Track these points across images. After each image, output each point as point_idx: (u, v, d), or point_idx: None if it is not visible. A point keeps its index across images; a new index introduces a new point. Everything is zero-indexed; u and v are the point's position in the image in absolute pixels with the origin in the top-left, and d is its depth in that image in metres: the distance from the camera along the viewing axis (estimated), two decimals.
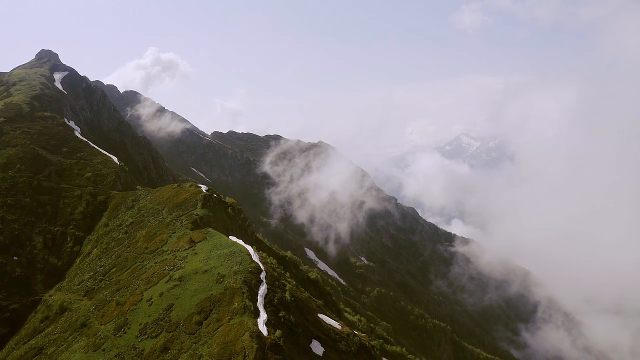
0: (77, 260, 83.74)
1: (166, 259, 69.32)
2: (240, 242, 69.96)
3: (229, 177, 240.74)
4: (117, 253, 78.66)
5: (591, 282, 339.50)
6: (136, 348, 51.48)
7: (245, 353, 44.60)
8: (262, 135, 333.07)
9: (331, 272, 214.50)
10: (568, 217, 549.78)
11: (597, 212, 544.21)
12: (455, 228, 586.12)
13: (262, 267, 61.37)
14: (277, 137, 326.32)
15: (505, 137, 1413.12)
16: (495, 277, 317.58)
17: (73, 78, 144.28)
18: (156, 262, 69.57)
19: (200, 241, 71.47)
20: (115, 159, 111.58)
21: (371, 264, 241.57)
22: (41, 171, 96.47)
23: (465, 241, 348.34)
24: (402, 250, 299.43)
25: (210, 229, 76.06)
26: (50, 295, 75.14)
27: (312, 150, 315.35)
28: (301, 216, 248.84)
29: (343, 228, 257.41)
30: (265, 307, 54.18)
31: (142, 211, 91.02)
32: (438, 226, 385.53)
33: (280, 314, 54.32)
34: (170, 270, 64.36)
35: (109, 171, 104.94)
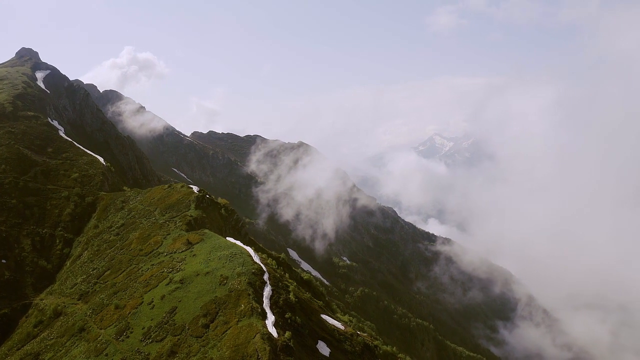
0: (67, 263, 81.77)
1: (163, 260, 68.16)
2: (239, 243, 69.24)
3: (211, 178, 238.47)
4: (110, 255, 77.04)
5: (571, 280, 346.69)
6: (141, 352, 50.45)
7: (258, 355, 44.12)
8: (242, 135, 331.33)
9: (315, 273, 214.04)
10: (550, 216, 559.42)
11: (579, 211, 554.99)
12: (433, 227, 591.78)
13: (264, 268, 60.84)
14: (257, 138, 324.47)
15: (480, 137, 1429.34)
16: (476, 276, 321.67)
17: (55, 77, 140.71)
18: (153, 265, 68.33)
19: (197, 243, 70.51)
20: (101, 159, 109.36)
21: (354, 263, 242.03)
22: (27, 172, 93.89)
23: (446, 240, 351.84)
24: (383, 250, 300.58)
25: (206, 231, 75.11)
26: (42, 299, 73.18)
27: (294, 150, 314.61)
28: (286, 214, 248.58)
29: (327, 227, 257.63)
30: (271, 308, 53.74)
31: (133, 212, 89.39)
32: (417, 225, 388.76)
33: (286, 316, 53.92)
34: (170, 272, 63.30)
35: (96, 172, 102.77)
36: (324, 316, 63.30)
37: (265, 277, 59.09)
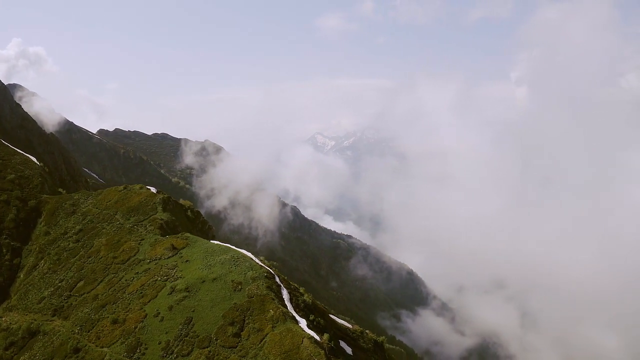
0: (21, 275, 73.10)
1: (149, 268, 63.67)
2: (233, 246, 66.71)
3: (124, 178, 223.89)
4: (76, 265, 70.16)
5: (481, 268, 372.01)
6: None
7: None
8: (149, 133, 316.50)
9: None
10: (454, 208, 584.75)
11: (489, 201, 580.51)
12: (334, 223, 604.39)
13: (272, 271, 59.41)
14: (165, 136, 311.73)
15: (364, 135, 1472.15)
16: (381, 269, 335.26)
17: None
18: (137, 273, 63.54)
19: (183, 247, 66.85)
20: (34, 159, 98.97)
21: (274, 263, 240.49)
22: None
23: (351, 236, 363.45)
24: (295, 248, 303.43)
25: (188, 234, 71.43)
26: (0, 317, 64.90)
27: (204, 149, 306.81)
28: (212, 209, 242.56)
29: (242, 229, 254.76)
30: (296, 311, 52.83)
31: (89, 217, 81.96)
32: (319, 220, 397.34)
33: (310, 318, 53.35)
34: (165, 280, 59.44)
35: (33, 173, 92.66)
36: (331, 316, 63.28)
37: (277, 280, 57.83)
